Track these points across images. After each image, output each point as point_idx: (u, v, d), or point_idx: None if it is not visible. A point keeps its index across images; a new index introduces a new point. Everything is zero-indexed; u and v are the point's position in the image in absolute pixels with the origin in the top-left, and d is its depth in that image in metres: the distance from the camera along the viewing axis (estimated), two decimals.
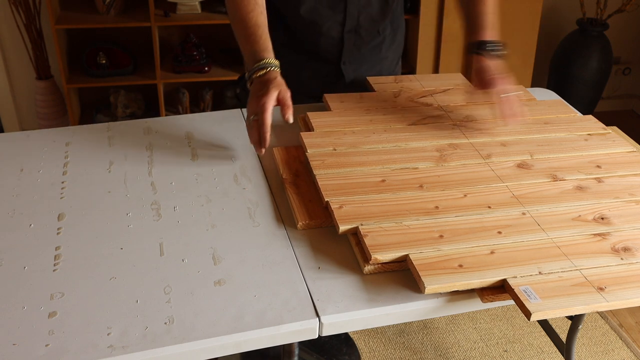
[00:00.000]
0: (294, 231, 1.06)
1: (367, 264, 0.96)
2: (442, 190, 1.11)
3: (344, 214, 1.04)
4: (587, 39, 3.01)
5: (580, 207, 1.09)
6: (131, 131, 1.33)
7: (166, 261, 0.98)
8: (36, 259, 0.98)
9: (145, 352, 0.83)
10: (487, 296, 0.92)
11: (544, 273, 0.94)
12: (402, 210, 1.05)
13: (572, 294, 0.90)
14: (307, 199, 1.11)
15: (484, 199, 1.10)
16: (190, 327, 0.87)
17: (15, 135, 1.34)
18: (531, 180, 1.16)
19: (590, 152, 1.26)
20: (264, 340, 0.88)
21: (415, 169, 1.17)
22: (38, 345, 0.83)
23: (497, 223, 1.04)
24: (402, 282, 0.96)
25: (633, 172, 1.21)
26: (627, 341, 2.04)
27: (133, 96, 2.85)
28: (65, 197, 1.12)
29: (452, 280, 0.91)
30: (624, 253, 0.99)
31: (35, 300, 0.90)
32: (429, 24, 2.81)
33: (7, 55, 2.81)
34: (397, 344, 2.00)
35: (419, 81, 1.51)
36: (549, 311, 0.87)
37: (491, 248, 0.98)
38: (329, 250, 1.02)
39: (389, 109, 1.38)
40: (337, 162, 1.18)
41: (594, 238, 1.02)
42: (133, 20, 2.64)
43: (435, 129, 1.31)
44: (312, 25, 1.40)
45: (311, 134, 1.26)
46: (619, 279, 0.93)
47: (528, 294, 0.89)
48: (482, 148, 1.25)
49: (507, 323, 2.09)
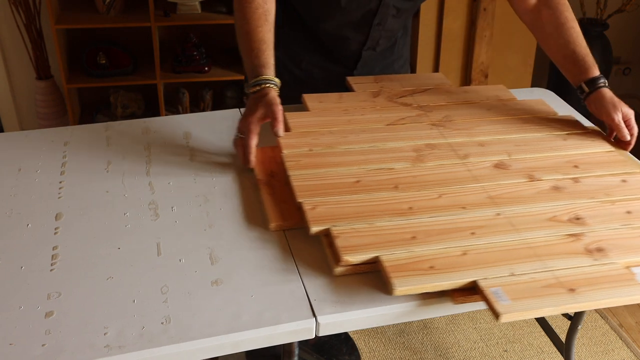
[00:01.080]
0: (291, 231, 1.06)
1: (338, 265, 0.95)
2: (417, 191, 1.10)
3: (317, 215, 1.03)
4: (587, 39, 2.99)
5: (555, 208, 1.08)
6: (129, 131, 1.33)
7: (163, 261, 0.98)
8: (33, 258, 0.98)
9: (142, 352, 0.83)
10: (458, 298, 0.91)
11: (516, 274, 0.93)
12: (376, 211, 1.04)
13: (543, 295, 0.89)
14: (281, 200, 1.10)
15: (459, 199, 1.09)
16: (187, 327, 0.87)
17: (14, 135, 1.34)
18: (508, 181, 1.15)
19: (568, 151, 1.25)
20: (261, 340, 0.88)
21: (391, 169, 1.16)
22: (35, 345, 0.83)
23: (470, 224, 1.03)
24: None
25: (610, 172, 1.19)
26: (627, 341, 2.04)
27: (133, 96, 2.85)
28: (63, 196, 1.12)
29: (422, 282, 0.90)
30: (598, 254, 0.98)
31: (32, 299, 0.90)
32: (429, 24, 2.81)
33: (7, 55, 2.81)
34: (397, 344, 2.00)
35: (399, 81, 1.50)
36: (518, 313, 0.86)
37: (464, 249, 0.97)
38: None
39: (367, 109, 1.37)
40: (312, 162, 1.17)
41: (568, 239, 1.01)
42: (133, 20, 2.64)
43: (414, 129, 1.30)
44: (335, 38, 1.42)
45: (288, 134, 1.25)
46: (591, 279, 0.92)
47: (498, 296, 0.88)
48: (460, 148, 1.24)
49: (507, 323, 2.09)
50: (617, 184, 1.16)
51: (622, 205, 1.10)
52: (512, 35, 2.84)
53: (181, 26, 2.87)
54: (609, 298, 0.90)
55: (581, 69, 1.32)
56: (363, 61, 1.48)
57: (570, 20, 1.35)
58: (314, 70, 1.47)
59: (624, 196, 1.12)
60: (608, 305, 0.91)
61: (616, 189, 1.14)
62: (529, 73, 2.97)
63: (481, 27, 2.81)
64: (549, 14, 1.36)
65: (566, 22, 1.34)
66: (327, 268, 0.98)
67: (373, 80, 1.49)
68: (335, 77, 1.51)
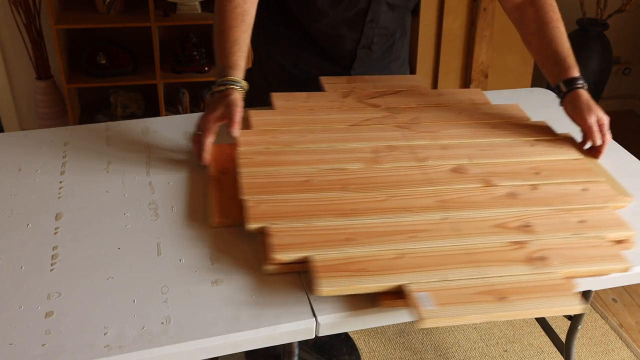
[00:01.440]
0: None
1: (268, 263, 0.95)
2: (365, 192, 1.08)
3: (258, 212, 1.02)
4: (587, 39, 3.01)
5: (506, 214, 1.06)
6: (129, 131, 1.33)
7: (163, 261, 0.98)
8: (33, 258, 0.98)
9: (142, 352, 0.83)
10: (386, 301, 0.90)
11: (448, 280, 0.91)
12: (318, 211, 1.03)
13: (471, 302, 0.87)
14: (228, 197, 1.10)
15: (406, 202, 1.07)
16: (187, 327, 0.87)
17: (14, 135, 1.33)
18: (462, 185, 1.12)
19: (532, 158, 1.22)
20: (261, 340, 0.88)
21: (344, 170, 1.14)
22: (35, 345, 0.83)
23: (413, 227, 1.01)
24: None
25: (572, 180, 1.16)
26: (627, 341, 2.04)
27: (133, 96, 2.85)
28: (63, 197, 1.12)
29: (348, 284, 0.89)
30: (539, 262, 0.96)
31: (32, 299, 0.90)
32: (429, 24, 2.81)
33: (7, 55, 2.81)
34: (397, 344, 2.00)
35: (373, 82, 1.48)
36: (440, 319, 0.85)
37: (400, 252, 0.95)
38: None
39: (334, 109, 1.35)
40: (266, 160, 1.16)
41: (512, 246, 0.99)
42: (133, 20, 2.64)
43: (377, 130, 1.28)
44: (329, 36, 1.42)
45: (248, 131, 1.24)
46: (524, 288, 0.91)
47: (423, 301, 0.87)
48: (421, 151, 1.22)
49: (507, 323, 2.09)
50: (576, 192, 1.13)
51: (577, 215, 1.07)
52: (512, 35, 2.84)
53: (181, 26, 2.87)
54: (539, 308, 0.89)
55: (561, 69, 1.30)
56: (359, 60, 1.47)
57: (555, 20, 1.33)
58: (312, 70, 1.47)
59: (581, 205, 1.10)
60: (538, 315, 0.90)
61: (575, 197, 1.11)
62: (529, 73, 2.97)
63: (481, 27, 2.81)
64: (533, 12, 1.35)
65: (550, 22, 1.33)
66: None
67: (346, 81, 1.47)
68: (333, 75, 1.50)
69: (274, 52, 1.48)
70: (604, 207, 1.10)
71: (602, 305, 2.20)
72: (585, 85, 1.30)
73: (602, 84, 3.12)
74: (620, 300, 2.23)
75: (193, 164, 1.23)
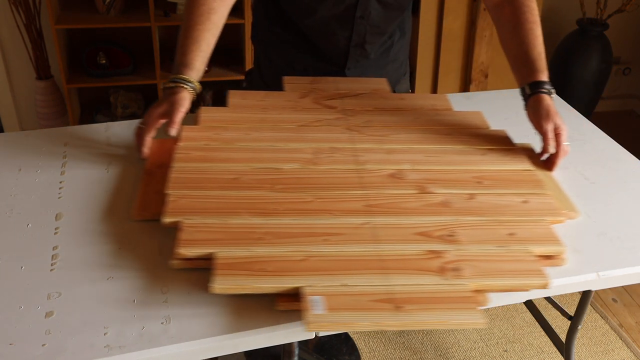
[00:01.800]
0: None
1: (173, 258, 0.95)
2: (292, 193, 1.07)
3: (177, 206, 1.02)
4: (587, 39, 3.01)
5: (432, 223, 1.03)
6: (129, 131, 1.33)
7: (163, 261, 0.98)
8: (33, 258, 0.98)
9: (142, 352, 0.83)
10: (282, 303, 0.89)
11: (349, 285, 0.89)
12: (238, 209, 1.02)
13: (365, 309, 0.86)
14: (156, 190, 1.10)
15: (332, 205, 1.05)
16: (187, 327, 0.87)
17: (14, 135, 1.33)
18: (396, 191, 1.10)
19: (479, 167, 1.19)
20: (261, 340, 0.88)
21: (278, 169, 1.13)
22: (35, 345, 0.83)
23: (329, 230, 0.99)
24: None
25: (514, 192, 1.13)
26: (627, 341, 2.04)
27: (133, 96, 2.86)
28: (63, 197, 1.12)
29: (243, 283, 0.88)
30: (451, 273, 0.93)
31: (33, 299, 0.90)
32: (429, 24, 2.81)
33: (7, 55, 2.81)
34: (397, 344, 2.00)
35: (335, 84, 1.45)
36: (328, 324, 0.84)
37: (307, 255, 0.94)
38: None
39: (287, 109, 1.34)
40: (201, 156, 1.15)
41: (427, 255, 0.96)
42: (133, 20, 2.64)
43: (325, 132, 1.26)
44: (321, 34, 1.41)
45: (192, 127, 1.24)
46: (424, 299, 0.88)
47: (315, 305, 0.85)
48: (363, 154, 1.19)
49: (507, 323, 2.09)
50: (515, 204, 1.10)
51: (509, 227, 1.04)
52: None
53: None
54: (436, 319, 0.86)
55: (528, 71, 1.27)
56: (353, 60, 1.46)
57: (530, 22, 1.30)
58: (308, 70, 1.47)
59: (516, 217, 1.06)
60: (433, 327, 0.87)
61: (512, 209, 1.08)
62: None
63: (481, 27, 2.81)
64: (510, 12, 1.33)
65: (525, 23, 1.30)
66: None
67: (309, 82, 1.45)
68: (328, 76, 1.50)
69: (271, 53, 1.48)
70: (540, 220, 1.06)
71: (602, 305, 2.20)
72: (552, 91, 1.27)
73: (602, 84, 3.12)
74: (620, 300, 2.23)
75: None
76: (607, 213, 1.16)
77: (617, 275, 1.03)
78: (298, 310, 0.88)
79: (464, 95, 1.61)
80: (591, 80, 3.06)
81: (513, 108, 1.47)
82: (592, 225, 1.13)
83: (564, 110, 1.53)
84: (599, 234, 1.11)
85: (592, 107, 3.19)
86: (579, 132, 1.46)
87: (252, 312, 0.90)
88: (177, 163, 1.13)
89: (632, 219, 1.15)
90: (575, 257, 1.04)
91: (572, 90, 3.08)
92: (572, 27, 3.10)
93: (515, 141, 1.29)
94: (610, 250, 1.07)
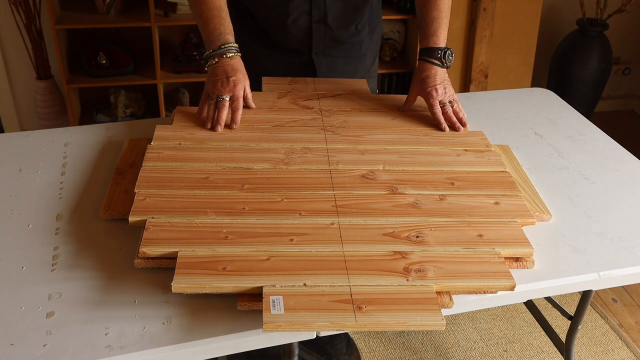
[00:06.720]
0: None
1: (137, 257, 0.95)
2: (261, 193, 1.07)
3: (143, 205, 1.02)
4: (587, 39, 3.01)
5: (400, 223, 1.02)
6: (130, 131, 1.33)
7: None
8: (34, 259, 0.98)
9: (143, 352, 0.83)
10: (243, 303, 0.89)
11: (310, 286, 0.89)
12: (205, 208, 1.02)
13: (325, 309, 0.85)
14: (126, 189, 1.10)
15: (300, 205, 1.05)
16: (188, 328, 0.87)
17: (14, 135, 1.34)
18: (366, 192, 1.10)
19: (453, 168, 1.18)
20: (262, 341, 0.89)
21: (249, 169, 1.13)
22: (36, 346, 0.83)
23: (295, 230, 0.99)
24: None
25: (486, 193, 1.12)
26: (627, 341, 2.04)
27: (133, 96, 2.86)
28: (63, 197, 1.12)
29: (204, 282, 0.88)
30: (415, 274, 0.92)
31: (33, 300, 0.90)
32: None
33: (7, 55, 2.81)
34: (397, 344, 2.00)
35: (314, 84, 1.45)
36: (285, 325, 0.83)
37: (271, 254, 0.94)
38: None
39: (264, 109, 1.34)
40: (172, 155, 1.15)
41: (393, 256, 0.95)
42: (133, 20, 2.64)
43: (300, 132, 1.26)
44: (281, 15, 1.40)
45: (166, 127, 1.24)
46: (386, 300, 0.87)
47: (274, 304, 0.85)
48: (336, 155, 1.19)
49: (507, 323, 2.09)
50: (486, 205, 1.09)
51: (477, 229, 1.03)
52: (512, 35, 2.84)
53: (181, 26, 2.87)
54: (395, 320, 0.85)
55: (423, 34, 1.28)
56: (320, 41, 1.43)
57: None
58: (279, 66, 1.47)
59: (485, 219, 1.06)
60: (393, 328, 0.86)
61: (482, 210, 1.08)
62: (529, 73, 2.97)
63: (481, 27, 2.81)
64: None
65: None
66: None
67: (288, 82, 1.45)
68: (297, 68, 1.49)
69: (245, 64, 1.47)
70: (510, 222, 1.06)
71: (602, 305, 2.20)
72: (441, 55, 1.29)
73: (602, 84, 3.12)
74: (620, 300, 2.23)
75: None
76: (607, 213, 1.17)
77: (618, 275, 1.03)
78: (259, 310, 0.87)
79: (464, 95, 1.61)
80: (591, 80, 3.06)
81: (513, 108, 1.47)
82: (592, 225, 1.13)
83: (564, 110, 1.53)
84: (600, 234, 1.11)
85: (592, 107, 3.19)
86: (579, 132, 1.46)
87: (252, 313, 0.90)
88: (147, 162, 1.13)
89: (632, 218, 1.15)
90: (575, 257, 1.04)
91: (572, 90, 3.08)
92: (572, 27, 3.10)
93: (515, 141, 1.29)
94: (610, 250, 1.07)
